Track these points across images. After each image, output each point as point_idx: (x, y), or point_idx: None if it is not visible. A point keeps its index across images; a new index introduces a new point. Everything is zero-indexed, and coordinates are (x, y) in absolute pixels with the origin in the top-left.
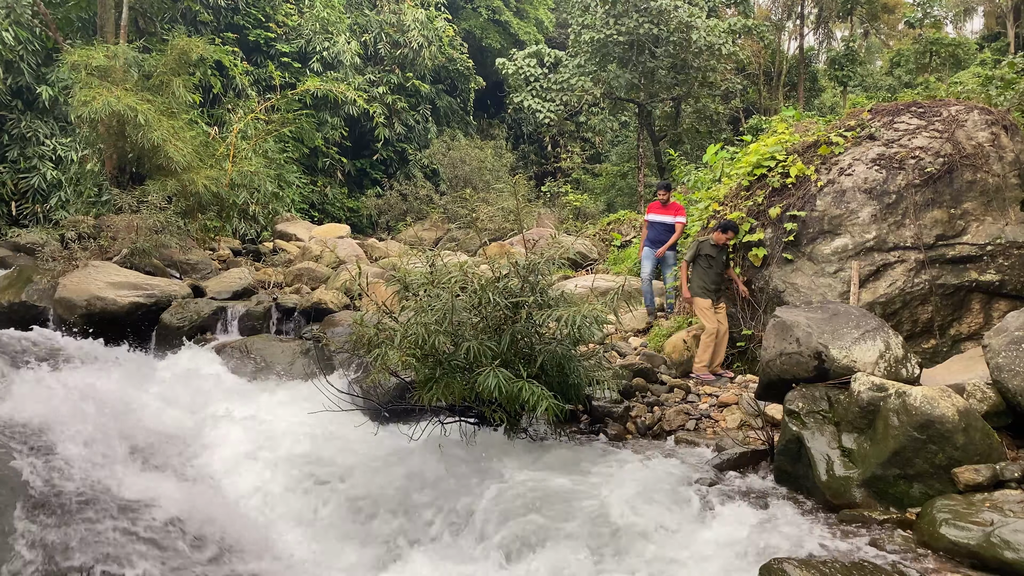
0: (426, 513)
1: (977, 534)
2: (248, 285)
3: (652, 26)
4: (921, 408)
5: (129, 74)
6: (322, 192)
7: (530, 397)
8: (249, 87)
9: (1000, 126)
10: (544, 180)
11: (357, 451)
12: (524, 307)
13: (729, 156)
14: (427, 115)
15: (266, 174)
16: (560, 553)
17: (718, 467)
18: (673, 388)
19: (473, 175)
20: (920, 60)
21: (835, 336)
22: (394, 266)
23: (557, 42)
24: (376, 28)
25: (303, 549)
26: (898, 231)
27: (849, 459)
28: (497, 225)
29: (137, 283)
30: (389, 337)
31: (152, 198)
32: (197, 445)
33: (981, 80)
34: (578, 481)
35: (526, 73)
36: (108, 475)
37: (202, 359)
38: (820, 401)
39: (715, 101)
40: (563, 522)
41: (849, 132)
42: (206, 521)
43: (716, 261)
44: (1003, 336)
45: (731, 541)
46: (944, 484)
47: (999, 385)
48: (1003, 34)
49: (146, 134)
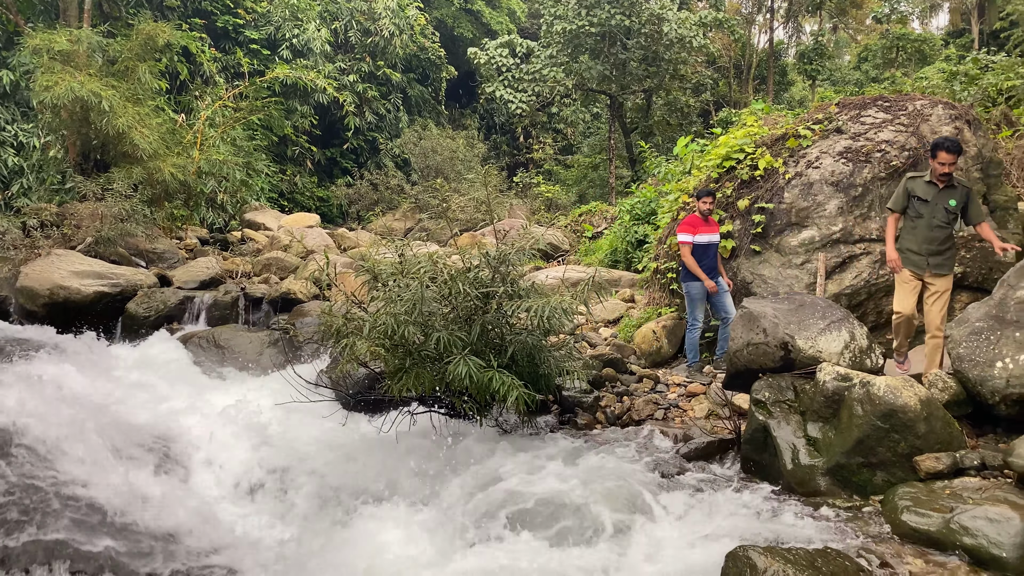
0: (392, 503)
1: (937, 521)
2: (216, 275)
3: (624, 17)
4: (884, 398)
5: (93, 59)
6: (291, 181)
7: (500, 387)
8: (217, 74)
9: (963, 120)
10: (516, 171)
11: (325, 442)
12: (495, 298)
13: (699, 148)
14: (398, 104)
15: (234, 162)
16: (524, 541)
17: (685, 456)
18: (642, 378)
19: (445, 165)
20: (887, 55)
21: (801, 327)
22: (363, 256)
23: (529, 32)
24: (347, 15)
25: (271, 540)
26: (864, 223)
27: (814, 448)
28: (468, 216)
29: (102, 272)
30: (358, 327)
31: (117, 186)
32: (162, 436)
33: (946, 75)
34: (545, 471)
35: (498, 63)
36: (69, 468)
37: (168, 349)
38: (786, 391)
39: (686, 94)
40: (528, 511)
41: (817, 125)
42: (171, 512)
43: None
44: (964, 327)
45: (697, 529)
46: (906, 472)
47: (960, 375)
48: (968, 30)
49: (111, 121)
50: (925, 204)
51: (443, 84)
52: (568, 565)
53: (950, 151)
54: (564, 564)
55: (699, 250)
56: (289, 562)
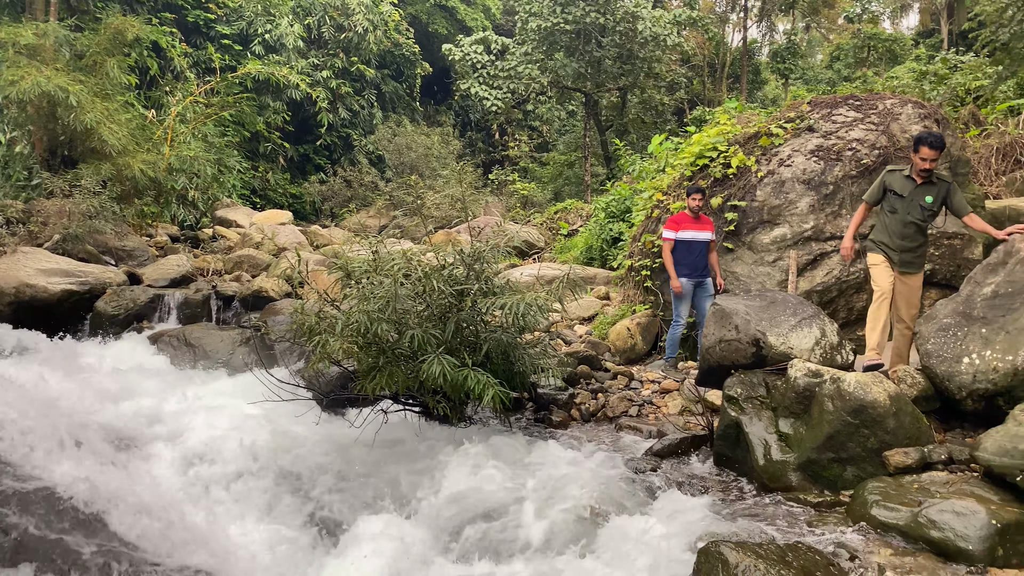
0: (365, 501)
1: (905, 515)
2: (187, 272)
3: (599, 15)
4: (854, 393)
5: (60, 53)
6: (264, 178)
7: (475, 385)
8: (188, 69)
9: (933, 120)
10: (491, 168)
11: (298, 441)
12: (469, 295)
13: (673, 147)
14: (372, 100)
15: (205, 159)
16: (498, 540)
17: (658, 453)
18: (617, 375)
19: (419, 162)
20: (859, 54)
21: (773, 323)
22: (336, 254)
23: (504, 29)
24: (320, 11)
25: (242, 540)
26: (835, 221)
27: (785, 443)
28: (443, 213)
29: (69, 270)
30: (331, 325)
31: (85, 182)
32: (130, 436)
33: (916, 75)
34: (520, 468)
35: (473, 60)
36: (34, 468)
37: (138, 348)
38: (758, 387)
39: (660, 92)
40: (502, 509)
41: (789, 124)
42: (142, 513)
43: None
44: (932, 323)
45: (670, 525)
46: (876, 467)
47: (928, 371)
48: (937, 30)
49: (78, 116)
50: (900, 199)
51: (418, 80)
52: (540, 565)
53: (933, 147)
54: (535, 565)
55: (682, 247)
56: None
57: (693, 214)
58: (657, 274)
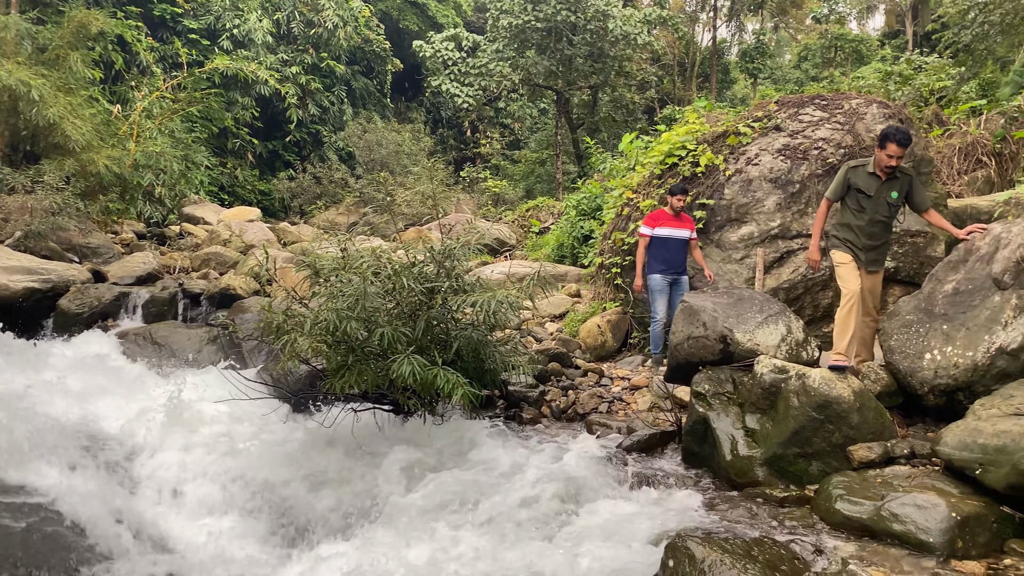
0: (332, 501)
1: (869, 508)
2: (153, 270)
3: (569, 13)
4: (819, 389)
5: (21, 47)
6: (232, 174)
7: (445, 384)
8: (154, 64)
9: (897, 119)
10: (463, 165)
11: (266, 440)
12: (439, 293)
13: (643, 145)
14: (342, 97)
15: (172, 155)
16: (465, 538)
17: (628, 449)
18: (587, 372)
19: (390, 159)
20: (826, 55)
21: (740, 320)
22: (305, 251)
23: (476, 26)
24: (289, 6)
25: (207, 542)
26: (801, 219)
27: (752, 439)
28: (414, 210)
29: (32, 267)
30: (299, 323)
31: (48, 178)
32: (94, 436)
33: (881, 75)
34: (489, 466)
35: (444, 57)
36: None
37: (103, 347)
38: (725, 383)
39: (631, 91)
40: (470, 507)
41: (757, 123)
42: (103, 515)
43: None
44: (895, 320)
45: (637, 520)
46: (840, 461)
47: (891, 367)
48: (902, 32)
49: (41, 111)
50: (868, 199)
51: (388, 77)
52: (507, 561)
53: (901, 143)
54: (503, 560)
55: (657, 243)
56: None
57: (674, 212)
58: (627, 271)
